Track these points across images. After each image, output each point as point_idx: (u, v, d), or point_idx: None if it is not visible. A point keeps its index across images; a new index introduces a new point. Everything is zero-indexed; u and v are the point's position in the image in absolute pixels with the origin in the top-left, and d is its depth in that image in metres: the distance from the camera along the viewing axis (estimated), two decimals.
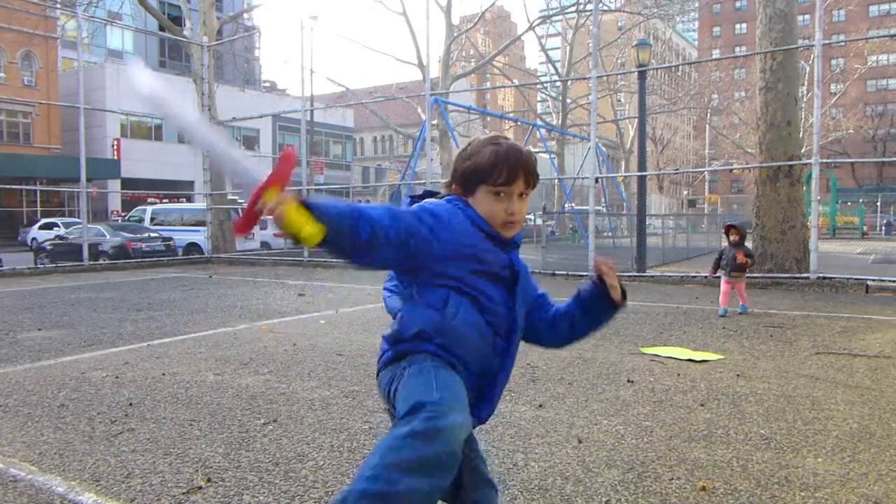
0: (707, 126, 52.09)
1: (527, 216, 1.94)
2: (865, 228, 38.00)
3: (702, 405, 4.03)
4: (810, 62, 32.91)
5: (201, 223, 19.29)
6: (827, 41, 11.50)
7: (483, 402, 1.78)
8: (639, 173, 14.22)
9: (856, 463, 3.09)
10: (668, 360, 5.32)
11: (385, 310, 2.16)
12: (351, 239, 1.50)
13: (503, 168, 1.70)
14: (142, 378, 4.80)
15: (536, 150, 39.51)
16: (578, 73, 35.78)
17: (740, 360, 5.33)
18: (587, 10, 28.85)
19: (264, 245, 22.61)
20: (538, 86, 45.57)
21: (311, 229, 1.42)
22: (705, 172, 53.55)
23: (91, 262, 15.17)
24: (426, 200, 1.75)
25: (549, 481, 2.90)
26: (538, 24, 33.47)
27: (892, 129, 61.09)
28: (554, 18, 35.28)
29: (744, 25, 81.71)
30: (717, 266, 8.06)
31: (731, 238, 7.95)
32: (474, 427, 1.74)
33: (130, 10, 29.09)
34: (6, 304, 9.10)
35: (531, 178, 1.75)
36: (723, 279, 8.01)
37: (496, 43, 50.13)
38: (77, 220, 23.13)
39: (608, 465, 3.08)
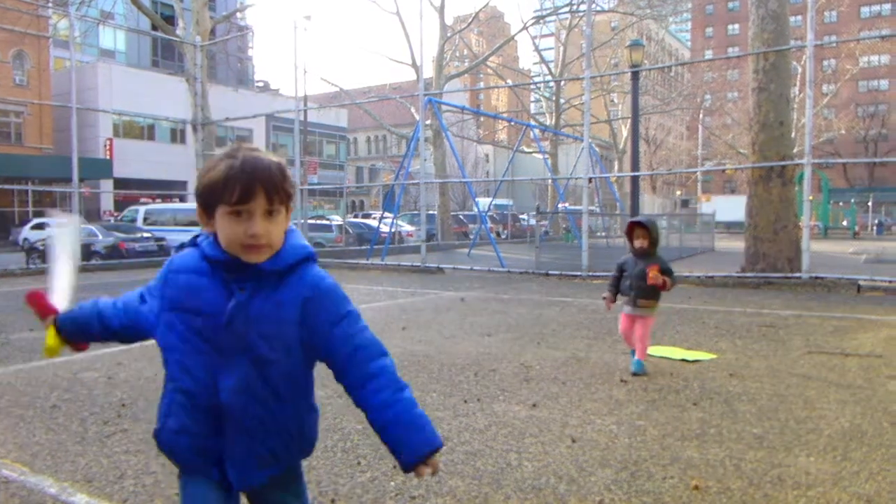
0: (700, 126, 52.27)
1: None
2: (857, 228, 38.18)
3: (695, 404, 4.05)
4: (802, 63, 33.05)
5: (194, 223, 19.21)
6: (819, 42, 11.55)
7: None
8: (632, 173, 14.26)
9: (848, 461, 3.10)
10: (661, 359, 5.33)
11: None
12: (100, 332, 1.83)
13: (236, 185, 1.44)
14: (134, 379, 4.79)
15: (530, 150, 39.59)
16: (572, 74, 35.83)
17: (733, 359, 5.35)
18: (580, 11, 28.90)
19: None
20: (532, 86, 45.66)
21: (50, 342, 1.80)
22: (698, 173, 53.76)
23: (83, 263, 15.09)
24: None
25: (543, 480, 2.90)
26: (532, 25, 33.54)
27: (884, 130, 61.45)
28: (547, 19, 35.34)
29: (736, 26, 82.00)
30: (615, 289, 5.02)
31: (637, 244, 4.85)
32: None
33: (123, 9, 28.96)
34: None
35: (276, 193, 1.47)
36: (623, 310, 5.00)
37: (490, 43, 50.18)
38: None
39: (602, 464, 3.09)
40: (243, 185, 1.44)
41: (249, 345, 1.50)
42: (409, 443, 1.51)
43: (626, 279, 4.92)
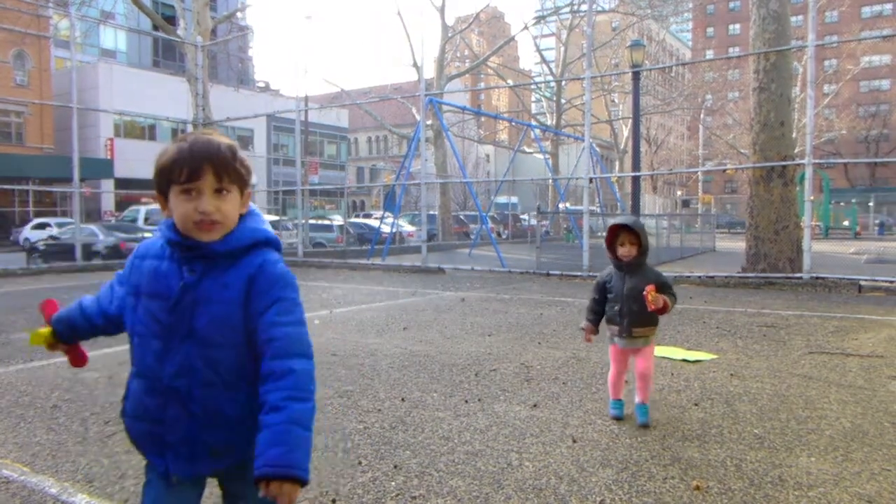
0: (701, 126, 52.23)
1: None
2: (858, 228, 38.13)
3: (696, 405, 4.05)
4: (803, 63, 33.02)
5: None
6: (820, 42, 11.54)
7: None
8: (633, 173, 14.26)
9: (849, 462, 3.10)
10: (662, 359, 5.33)
11: None
12: (86, 329, 1.76)
13: (184, 165, 1.48)
14: None
15: (531, 150, 39.63)
16: (573, 74, 35.82)
17: (734, 359, 5.35)
18: (581, 11, 28.89)
19: None
20: (533, 86, 45.62)
21: (37, 331, 1.80)
22: (699, 173, 53.72)
23: (84, 263, 15.10)
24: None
25: (544, 481, 2.90)
26: (533, 25, 33.54)
27: (885, 130, 61.44)
28: (548, 19, 35.33)
29: (737, 26, 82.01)
30: (597, 315, 3.81)
31: (623, 252, 3.65)
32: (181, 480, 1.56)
33: (124, 9, 29.00)
34: None
35: (224, 170, 1.50)
36: (612, 343, 3.82)
37: (491, 43, 50.20)
38: (70, 219, 23.03)
39: (602, 464, 3.09)
40: (191, 164, 1.48)
41: (194, 328, 1.49)
42: (268, 454, 1.38)
43: (612, 302, 3.71)
